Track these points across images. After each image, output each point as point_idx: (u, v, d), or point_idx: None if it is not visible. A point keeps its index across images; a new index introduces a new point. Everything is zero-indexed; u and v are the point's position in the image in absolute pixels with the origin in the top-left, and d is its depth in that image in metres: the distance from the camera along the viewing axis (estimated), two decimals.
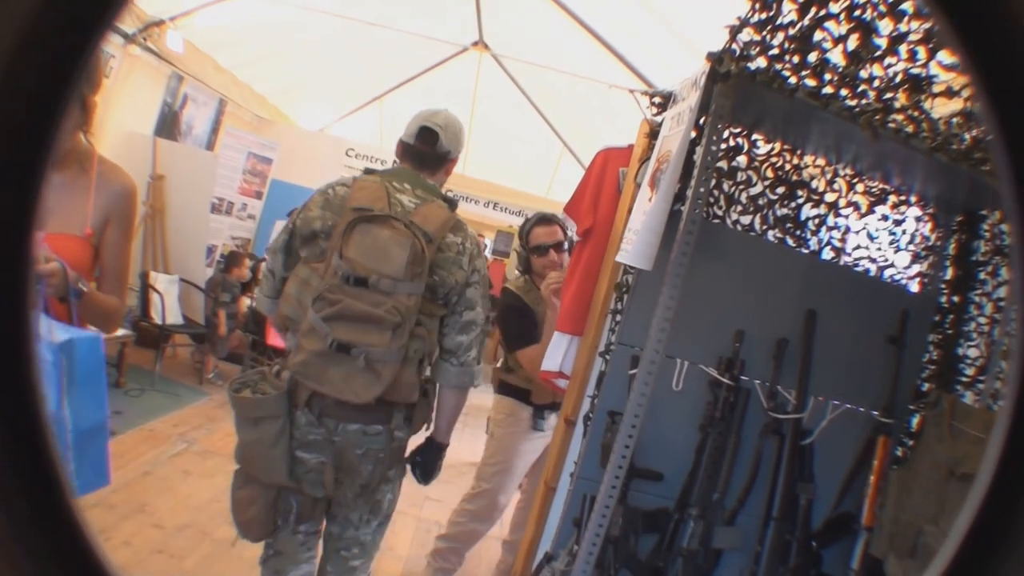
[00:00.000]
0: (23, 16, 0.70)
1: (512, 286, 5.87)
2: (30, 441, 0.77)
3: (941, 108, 3.30)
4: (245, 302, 11.37)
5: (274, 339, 10.74)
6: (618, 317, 3.85)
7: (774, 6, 3.23)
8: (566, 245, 5.68)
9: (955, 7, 0.79)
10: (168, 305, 10.43)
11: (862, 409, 3.87)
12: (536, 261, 5.69)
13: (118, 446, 7.66)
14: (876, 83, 3.27)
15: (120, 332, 9.37)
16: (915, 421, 4.01)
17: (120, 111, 10.86)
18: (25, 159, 0.74)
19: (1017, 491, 0.77)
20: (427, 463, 4.18)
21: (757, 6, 3.25)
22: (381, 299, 3.56)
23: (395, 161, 4.38)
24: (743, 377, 3.74)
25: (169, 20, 10.64)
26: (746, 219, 3.99)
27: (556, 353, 4.45)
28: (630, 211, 3.80)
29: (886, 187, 4.15)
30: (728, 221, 3.96)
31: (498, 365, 6.15)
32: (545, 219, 5.81)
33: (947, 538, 0.81)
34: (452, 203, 3.96)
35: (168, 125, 12.34)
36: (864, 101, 3.26)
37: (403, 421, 3.84)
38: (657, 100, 4.06)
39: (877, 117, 3.18)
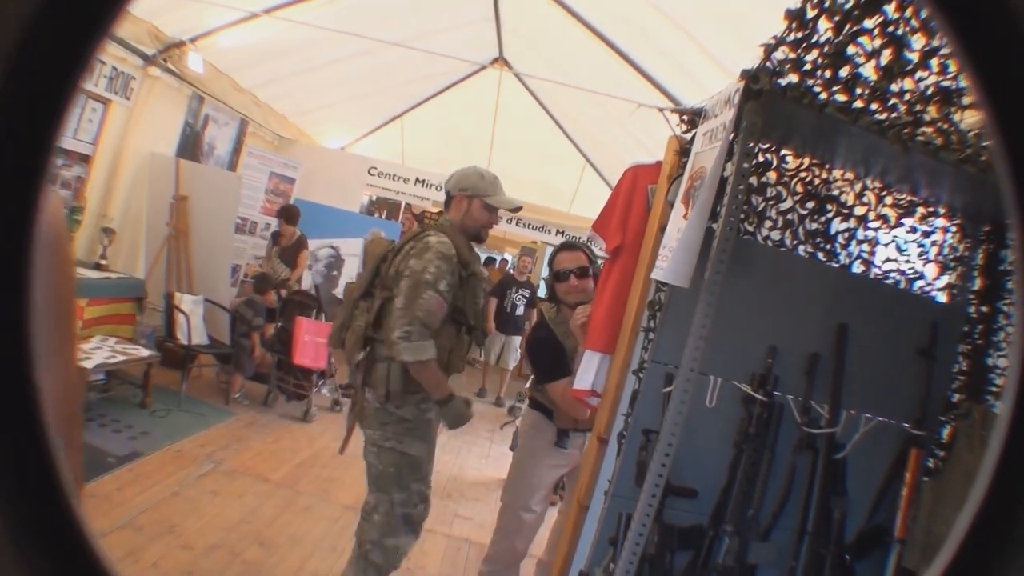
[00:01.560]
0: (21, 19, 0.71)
1: (547, 316, 5.92)
2: (30, 443, 0.77)
3: (969, 119, 3.29)
4: (271, 328, 11.38)
5: (300, 358, 10.84)
6: (651, 335, 3.84)
7: (810, 25, 3.23)
8: (590, 271, 5.61)
9: (956, 6, 0.79)
10: (194, 325, 10.44)
11: (894, 422, 3.86)
12: (558, 287, 5.67)
13: (145, 467, 7.75)
14: (907, 96, 3.27)
15: (146, 353, 9.43)
16: (946, 432, 4.00)
17: (141, 132, 10.95)
18: (27, 157, 0.75)
19: (1017, 491, 0.77)
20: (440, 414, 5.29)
21: (794, 25, 3.26)
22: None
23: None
24: (776, 393, 3.73)
25: (189, 42, 10.70)
26: (776, 234, 3.99)
27: (588, 372, 4.44)
28: (661, 229, 3.80)
29: (914, 199, 4.15)
30: (759, 236, 3.96)
31: (528, 385, 6.82)
32: (569, 245, 5.84)
33: (948, 539, 0.82)
34: (440, 227, 5.32)
35: (190, 146, 12.40)
36: (894, 115, 3.26)
37: (360, 382, 5.21)
38: (687, 117, 4.07)
39: (906, 131, 3.18)
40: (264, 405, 11.14)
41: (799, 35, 3.27)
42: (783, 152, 3.94)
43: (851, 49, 3.25)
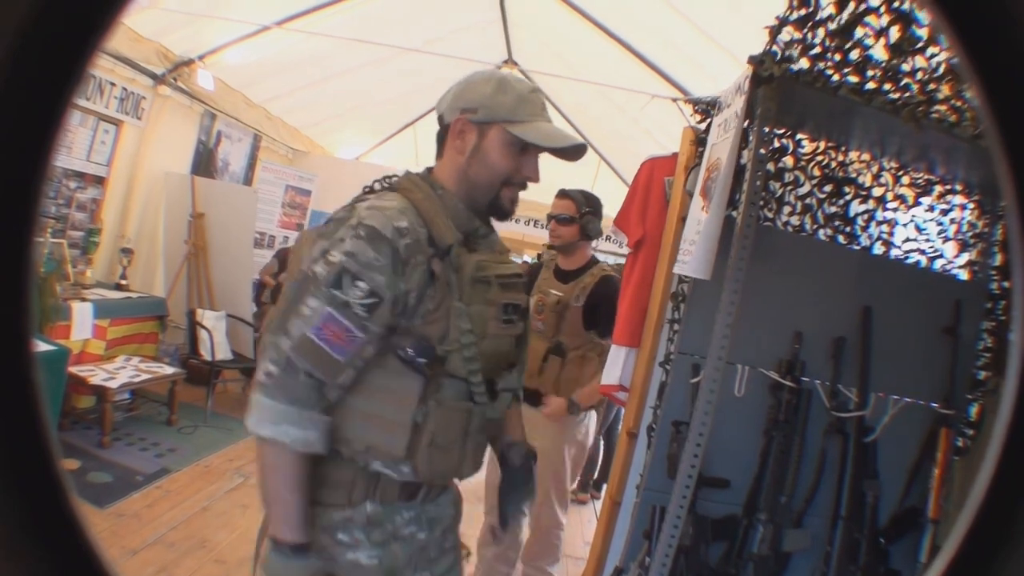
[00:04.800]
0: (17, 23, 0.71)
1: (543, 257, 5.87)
2: (30, 443, 0.78)
3: None
4: None
5: None
6: (676, 327, 3.85)
7: (812, 2, 3.24)
8: (576, 220, 5.58)
9: (955, 5, 0.79)
10: (217, 341, 10.46)
11: (922, 402, 3.86)
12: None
13: (173, 484, 7.78)
14: (919, 75, 3.27)
15: (170, 370, 9.47)
16: (974, 410, 4.00)
17: (155, 152, 10.99)
18: (26, 158, 0.75)
19: (1017, 491, 0.77)
20: None
21: (795, 3, 3.27)
22: None
23: None
24: (803, 378, 3.73)
25: (198, 59, 10.71)
26: (796, 220, 4.00)
27: (614, 366, 4.45)
28: (681, 220, 3.81)
29: (931, 177, 4.15)
30: (778, 223, 3.98)
31: None
32: (562, 192, 5.75)
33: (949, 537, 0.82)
34: (395, 185, 2.81)
35: (204, 163, 12.42)
36: (907, 94, 3.27)
37: None
38: (701, 107, 4.08)
39: (920, 109, 3.18)
40: None
41: (803, 13, 3.28)
42: (798, 136, 3.94)
43: (859, 31, 3.26)
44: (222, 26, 10.16)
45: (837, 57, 3.27)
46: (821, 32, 3.29)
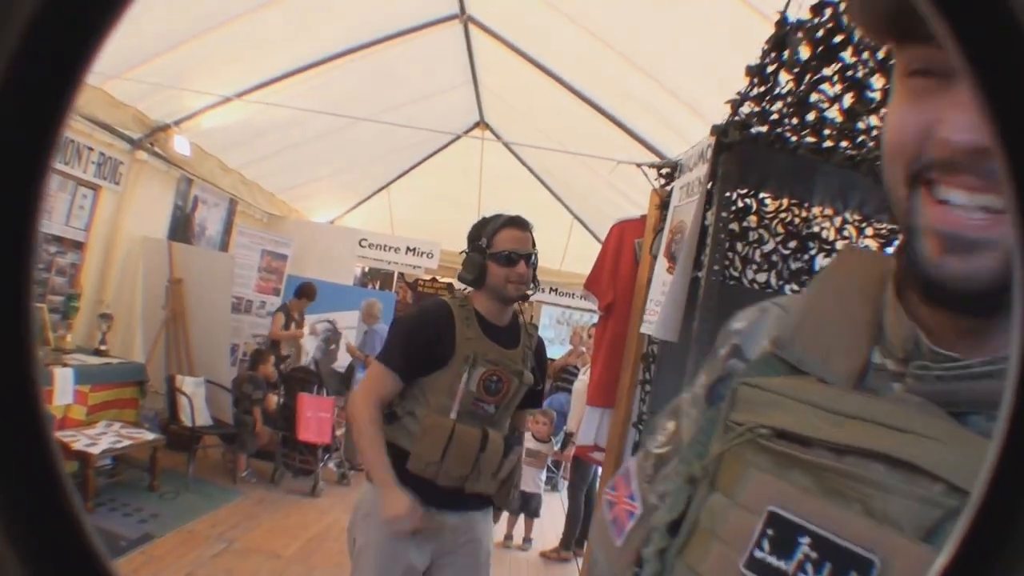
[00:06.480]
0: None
1: (451, 305, 4.10)
2: (29, 442, 0.81)
3: None
4: (274, 399, 11.39)
5: (304, 434, 10.88)
6: (647, 387, 3.89)
7: (771, 79, 3.33)
8: (534, 259, 4.08)
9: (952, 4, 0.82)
10: (197, 407, 10.43)
11: None
12: (497, 271, 4.00)
13: (157, 550, 7.73)
14: (874, 132, 3.35)
15: (151, 436, 9.47)
16: None
17: (132, 217, 11.02)
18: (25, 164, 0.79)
19: (1017, 491, 0.79)
20: None
21: (756, 80, 3.36)
22: None
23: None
24: None
25: (174, 124, 10.74)
26: (762, 276, 4.05)
27: (590, 427, 4.46)
28: (649, 281, 3.87)
29: (895, 227, 4.21)
30: (745, 281, 4.02)
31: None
32: (519, 223, 4.12)
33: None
34: None
35: (181, 228, 12.42)
36: (864, 150, 3.35)
37: None
38: (665, 171, 4.14)
39: (878, 163, 3.26)
40: (271, 482, 11.09)
41: (762, 89, 3.37)
42: (762, 195, 4.01)
43: (814, 96, 3.34)
44: (196, 92, 10.21)
45: (794, 121, 3.36)
46: (780, 103, 3.38)
